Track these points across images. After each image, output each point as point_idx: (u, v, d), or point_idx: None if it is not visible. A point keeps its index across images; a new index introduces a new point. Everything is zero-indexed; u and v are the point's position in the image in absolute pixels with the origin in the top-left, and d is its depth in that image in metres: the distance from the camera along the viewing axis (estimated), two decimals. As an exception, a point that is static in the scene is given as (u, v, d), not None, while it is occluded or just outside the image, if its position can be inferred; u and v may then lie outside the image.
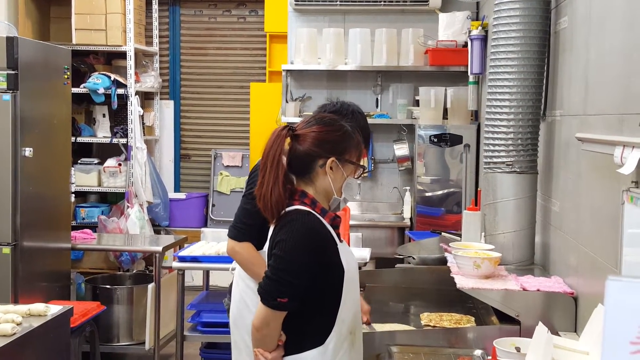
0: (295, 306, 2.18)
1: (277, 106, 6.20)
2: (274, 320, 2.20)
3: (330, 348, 2.23)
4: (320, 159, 2.26)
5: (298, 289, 2.17)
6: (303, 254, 2.17)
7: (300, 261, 2.17)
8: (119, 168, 6.78)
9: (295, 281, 2.16)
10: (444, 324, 2.95)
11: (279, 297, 2.16)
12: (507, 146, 3.15)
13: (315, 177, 2.27)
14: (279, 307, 2.17)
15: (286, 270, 2.17)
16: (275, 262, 2.19)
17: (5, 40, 4.28)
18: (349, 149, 2.30)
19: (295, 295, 2.17)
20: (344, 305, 2.25)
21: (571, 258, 2.76)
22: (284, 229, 2.20)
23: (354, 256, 2.42)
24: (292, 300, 2.17)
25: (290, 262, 2.17)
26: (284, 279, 2.16)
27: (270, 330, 2.21)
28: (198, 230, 7.11)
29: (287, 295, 2.16)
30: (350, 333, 2.28)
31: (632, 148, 1.90)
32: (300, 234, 2.17)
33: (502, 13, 3.16)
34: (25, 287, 4.38)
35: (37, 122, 4.53)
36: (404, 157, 5.76)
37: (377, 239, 5.46)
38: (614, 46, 2.32)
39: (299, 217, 2.20)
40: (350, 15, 6.05)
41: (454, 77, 5.75)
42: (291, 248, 2.16)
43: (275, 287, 2.17)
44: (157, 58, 7.46)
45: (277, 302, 2.17)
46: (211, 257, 4.59)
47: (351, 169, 2.31)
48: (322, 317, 2.24)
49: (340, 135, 2.30)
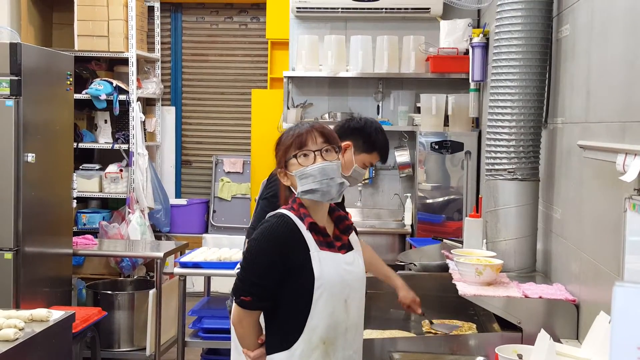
0: (263, 306, 2.26)
1: (279, 113, 6.20)
2: (245, 318, 2.28)
3: (297, 354, 2.23)
4: None
5: (262, 289, 2.23)
6: (266, 255, 2.22)
7: (263, 262, 2.22)
8: (120, 174, 6.79)
9: (258, 281, 2.23)
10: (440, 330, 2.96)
11: (242, 296, 2.25)
12: (508, 153, 3.15)
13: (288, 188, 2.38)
14: (244, 305, 2.26)
15: (250, 270, 2.25)
16: (243, 261, 2.31)
17: (9, 46, 4.30)
18: (280, 151, 2.34)
19: (260, 295, 2.23)
20: (315, 313, 2.23)
21: (573, 265, 2.76)
22: (257, 230, 2.28)
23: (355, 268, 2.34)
24: (258, 300, 2.24)
25: (253, 262, 2.25)
26: (247, 278, 2.25)
27: (244, 328, 2.31)
28: (199, 236, 7.14)
29: (250, 294, 2.23)
30: (323, 343, 2.25)
31: (634, 155, 1.90)
32: (264, 236, 2.23)
33: (504, 21, 3.17)
34: (26, 292, 4.39)
35: (39, 127, 4.54)
36: (405, 164, 5.77)
37: (378, 246, 5.45)
38: (616, 54, 2.33)
39: (271, 220, 2.27)
40: (351, 22, 6.07)
41: (455, 84, 5.76)
42: (256, 249, 2.24)
43: (240, 286, 2.27)
44: (159, 64, 7.48)
45: (241, 300, 2.25)
46: (213, 263, 4.59)
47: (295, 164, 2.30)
48: (290, 322, 2.25)
49: (276, 144, 2.38)
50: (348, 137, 3.17)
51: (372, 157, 3.24)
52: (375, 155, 3.25)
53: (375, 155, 3.24)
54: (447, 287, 3.12)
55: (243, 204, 7.39)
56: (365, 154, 3.22)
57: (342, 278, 2.28)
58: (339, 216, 2.39)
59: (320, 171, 2.26)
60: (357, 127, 3.22)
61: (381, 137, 3.24)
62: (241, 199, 7.47)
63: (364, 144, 3.20)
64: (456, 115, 5.46)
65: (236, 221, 7.33)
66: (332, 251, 2.29)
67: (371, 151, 3.22)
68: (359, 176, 3.26)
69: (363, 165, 3.23)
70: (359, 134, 3.20)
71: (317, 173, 2.26)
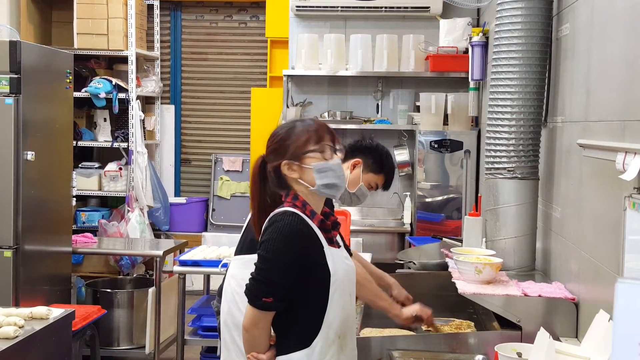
0: (282, 306, 2.22)
1: (278, 111, 6.20)
2: (262, 320, 2.24)
3: (316, 351, 2.24)
4: (278, 167, 2.30)
5: (283, 289, 2.21)
6: (286, 254, 2.20)
7: (284, 261, 2.20)
8: (119, 172, 6.79)
9: (279, 281, 2.20)
10: (445, 329, 2.96)
11: (264, 297, 2.20)
12: (508, 152, 3.16)
13: (291, 182, 2.31)
14: (265, 307, 2.21)
15: (270, 270, 2.21)
16: (260, 262, 2.23)
17: (9, 44, 4.30)
18: (288, 149, 2.29)
19: (281, 295, 2.21)
20: (331, 308, 2.25)
21: (572, 264, 2.77)
22: (269, 229, 2.24)
23: (351, 262, 2.40)
24: (278, 300, 2.21)
25: (274, 262, 2.20)
26: (268, 279, 2.21)
27: (260, 330, 2.25)
28: (198, 235, 7.12)
29: (272, 295, 2.20)
30: (338, 337, 2.28)
31: (634, 154, 1.91)
32: (284, 234, 2.20)
33: (503, 19, 3.17)
34: (26, 290, 4.39)
35: (39, 125, 4.54)
36: (405, 163, 5.77)
37: (377, 244, 5.46)
38: (616, 53, 2.33)
39: (284, 218, 2.23)
40: (351, 21, 6.07)
41: (454, 83, 5.77)
42: (275, 248, 2.20)
43: (260, 288, 2.21)
44: (158, 63, 7.47)
45: (263, 302, 2.20)
46: (212, 262, 4.59)
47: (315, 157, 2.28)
48: (308, 319, 2.25)
49: (278, 140, 2.32)
50: (358, 154, 3.24)
51: (378, 178, 3.30)
52: (382, 178, 3.31)
53: (381, 177, 3.31)
54: (447, 285, 3.12)
55: (242, 203, 7.38)
56: (372, 174, 3.28)
57: (347, 272, 2.33)
58: (326, 212, 2.40)
59: (338, 166, 2.31)
60: (368, 147, 3.31)
61: (390, 161, 3.35)
62: (240, 197, 7.47)
63: (374, 164, 3.28)
64: (455, 114, 5.46)
65: (235, 219, 7.32)
66: (334, 247, 2.32)
67: (379, 172, 3.29)
68: (362, 197, 3.31)
69: (368, 185, 3.30)
70: (370, 154, 3.29)
71: (337, 168, 2.30)
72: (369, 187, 3.30)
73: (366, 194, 3.30)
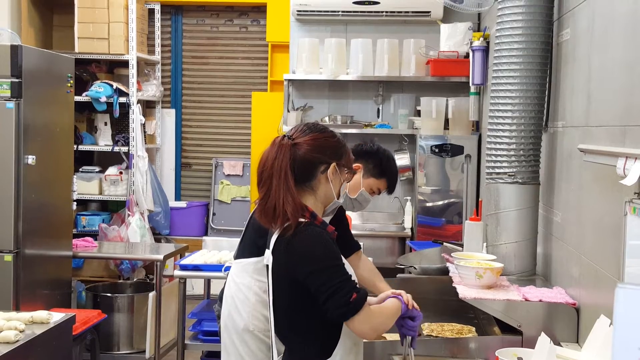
0: (364, 291, 2.17)
1: (279, 115, 6.21)
2: (369, 316, 2.16)
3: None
4: (322, 164, 2.27)
5: (351, 279, 2.17)
6: (331, 256, 2.18)
7: (333, 262, 2.17)
8: (120, 176, 6.79)
9: (345, 276, 2.16)
10: (446, 334, 2.96)
11: (350, 299, 2.13)
12: (509, 157, 3.16)
13: (317, 184, 2.28)
14: (359, 305, 2.13)
15: (331, 275, 2.14)
16: (317, 278, 2.15)
17: (10, 49, 4.30)
18: (345, 154, 2.35)
19: (354, 284, 2.16)
20: None
21: (573, 269, 2.77)
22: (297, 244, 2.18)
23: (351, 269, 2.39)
24: (358, 290, 2.15)
25: (328, 267, 2.15)
26: (336, 283, 2.13)
27: (378, 320, 2.20)
28: (199, 239, 7.13)
29: (353, 291, 2.14)
30: (354, 345, 2.29)
31: (634, 159, 1.91)
32: (321, 241, 2.18)
33: (504, 24, 3.17)
34: (26, 294, 4.39)
35: (40, 129, 4.55)
36: (405, 167, 5.78)
37: (377, 249, 5.46)
38: (616, 58, 2.34)
39: (309, 229, 2.19)
40: (352, 26, 6.08)
41: (455, 88, 5.77)
42: (324, 252, 2.17)
43: (341, 297, 2.12)
44: (159, 67, 7.48)
45: (352, 304, 2.13)
46: (213, 266, 4.59)
47: (346, 174, 2.36)
48: (329, 328, 2.23)
49: (336, 141, 2.34)
50: (358, 159, 3.18)
51: (380, 183, 3.26)
52: (384, 182, 3.27)
53: (383, 182, 3.27)
54: (447, 290, 3.12)
55: (243, 207, 7.38)
56: (374, 178, 3.25)
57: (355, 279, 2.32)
58: None
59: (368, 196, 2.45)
60: (369, 151, 3.27)
61: (392, 165, 3.30)
62: (241, 201, 7.47)
63: (374, 169, 3.24)
64: (456, 119, 5.47)
65: (236, 224, 7.32)
66: None
67: (380, 177, 3.26)
68: (365, 202, 3.26)
69: (370, 190, 3.26)
70: (370, 158, 3.24)
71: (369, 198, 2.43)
72: (371, 192, 3.26)
73: (368, 199, 3.26)
